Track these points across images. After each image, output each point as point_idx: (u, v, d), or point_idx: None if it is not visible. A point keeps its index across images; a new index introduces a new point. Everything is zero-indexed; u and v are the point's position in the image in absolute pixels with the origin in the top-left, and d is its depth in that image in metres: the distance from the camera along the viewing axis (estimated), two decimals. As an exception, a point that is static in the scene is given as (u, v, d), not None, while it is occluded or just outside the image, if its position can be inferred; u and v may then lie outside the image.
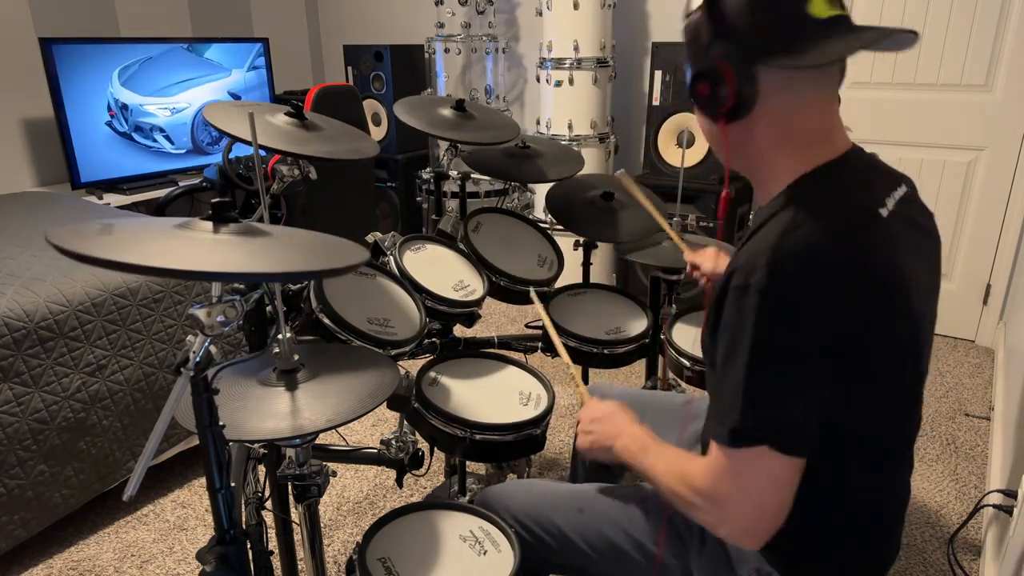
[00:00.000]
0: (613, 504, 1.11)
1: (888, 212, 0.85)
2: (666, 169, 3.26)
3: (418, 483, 2.12)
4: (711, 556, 0.99)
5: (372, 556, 1.05)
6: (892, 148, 3.02)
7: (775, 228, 0.80)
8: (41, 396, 1.75)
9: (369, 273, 1.49)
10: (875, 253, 0.80)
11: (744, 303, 0.78)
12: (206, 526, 1.97)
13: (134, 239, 0.78)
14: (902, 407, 0.89)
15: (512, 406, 1.39)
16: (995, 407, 2.42)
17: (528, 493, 1.18)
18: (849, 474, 0.88)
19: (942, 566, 1.81)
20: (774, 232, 0.79)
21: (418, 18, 4.26)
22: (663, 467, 0.94)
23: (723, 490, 0.83)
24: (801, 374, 0.78)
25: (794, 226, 0.79)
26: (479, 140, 1.71)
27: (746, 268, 0.79)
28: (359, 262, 0.87)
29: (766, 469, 0.80)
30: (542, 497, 1.16)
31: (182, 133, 3.61)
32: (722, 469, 0.82)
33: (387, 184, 4.00)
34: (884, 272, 0.80)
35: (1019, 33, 2.70)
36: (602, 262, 3.47)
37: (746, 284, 0.78)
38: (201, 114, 1.27)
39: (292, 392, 1.02)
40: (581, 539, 1.09)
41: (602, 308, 1.80)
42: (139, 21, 3.69)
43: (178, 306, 2.06)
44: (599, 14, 3.18)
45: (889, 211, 0.85)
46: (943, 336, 3.17)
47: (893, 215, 0.85)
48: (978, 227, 2.98)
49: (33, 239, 2.18)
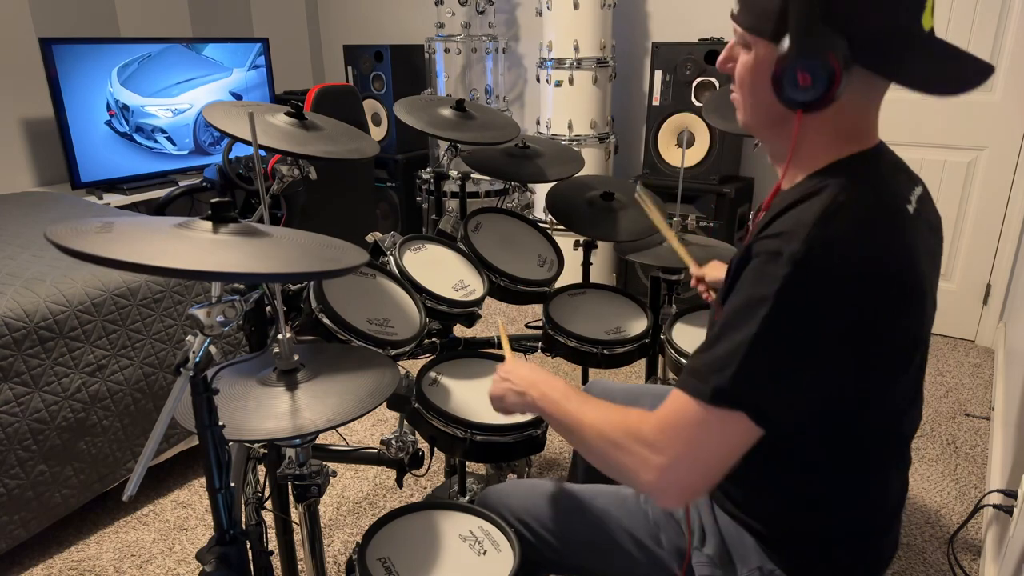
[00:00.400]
0: (614, 503, 1.11)
1: (913, 209, 0.84)
2: (666, 169, 3.26)
3: (418, 483, 2.12)
4: (712, 552, 0.99)
5: (372, 556, 1.05)
6: (892, 148, 3.00)
7: (814, 208, 0.78)
8: (41, 396, 1.75)
9: (369, 273, 1.49)
10: (902, 249, 0.79)
11: (772, 268, 0.76)
12: (206, 526, 1.97)
13: (134, 238, 0.78)
14: (905, 402, 0.89)
15: (512, 406, 1.39)
16: (995, 407, 2.42)
17: (529, 492, 1.18)
18: (852, 469, 0.89)
19: (942, 566, 1.81)
20: (813, 211, 0.78)
21: (418, 18, 4.26)
22: (592, 413, 0.90)
23: (674, 440, 0.80)
24: (807, 353, 0.76)
25: (836, 209, 0.77)
26: (479, 140, 1.71)
27: (783, 237, 0.77)
28: (359, 263, 0.87)
29: (732, 434, 0.78)
30: (543, 496, 1.16)
31: (184, 134, 3.61)
32: (684, 420, 0.79)
33: (387, 184, 4.00)
34: (908, 269, 0.79)
35: (1019, 33, 2.71)
36: (602, 262, 3.47)
37: (779, 251, 0.76)
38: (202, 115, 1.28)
39: (292, 392, 1.02)
40: (582, 538, 1.10)
41: (602, 308, 1.80)
42: (139, 21, 3.69)
43: (178, 306, 2.06)
44: (599, 14, 3.18)
45: (913, 208, 0.85)
46: (943, 336, 3.17)
47: (916, 213, 0.85)
48: (978, 227, 2.98)
49: (33, 239, 2.18)
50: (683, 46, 3.11)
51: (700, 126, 3.14)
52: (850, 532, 0.92)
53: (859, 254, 0.75)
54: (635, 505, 1.09)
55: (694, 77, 3.10)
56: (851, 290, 0.75)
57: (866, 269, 0.76)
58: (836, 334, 0.76)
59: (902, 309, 0.79)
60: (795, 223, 0.77)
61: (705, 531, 1.01)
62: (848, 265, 0.75)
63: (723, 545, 0.99)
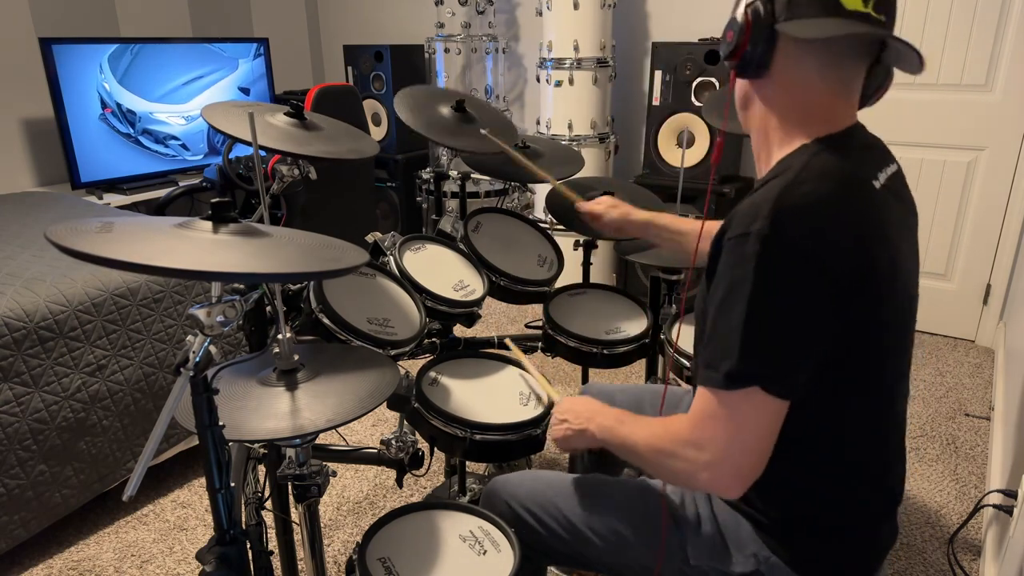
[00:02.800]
0: (618, 493, 1.12)
1: (880, 185, 0.89)
2: (666, 169, 3.26)
3: (418, 483, 2.12)
4: (708, 541, 1.00)
5: (372, 556, 1.05)
6: (892, 148, 2.98)
7: (776, 186, 0.84)
8: (41, 396, 1.75)
9: (369, 273, 1.49)
10: (867, 215, 0.84)
11: (744, 249, 0.81)
12: (206, 526, 1.97)
13: (134, 238, 0.78)
14: (890, 383, 0.92)
15: (512, 406, 1.39)
16: (995, 407, 2.42)
17: (535, 482, 1.19)
18: (848, 455, 0.91)
19: (942, 566, 1.81)
20: (775, 189, 0.83)
21: (418, 18, 4.26)
22: (642, 431, 0.95)
23: (711, 433, 0.84)
24: (795, 318, 0.80)
25: (797, 183, 0.83)
26: (478, 149, 1.70)
27: (746, 218, 0.82)
28: (359, 263, 0.87)
29: (755, 410, 0.82)
30: (549, 486, 1.17)
31: (198, 140, 3.65)
32: (711, 412, 0.84)
33: (387, 184, 4.00)
34: (876, 235, 0.84)
35: (1019, 33, 2.70)
36: (602, 262, 3.47)
37: (746, 232, 0.81)
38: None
39: (292, 392, 1.02)
40: (587, 527, 1.10)
41: (602, 308, 1.80)
42: (139, 21, 3.69)
43: (178, 306, 2.06)
44: (599, 14, 3.18)
45: (881, 184, 0.89)
46: (943, 336, 3.17)
47: (884, 188, 0.89)
48: (978, 227, 2.98)
49: (33, 239, 2.18)
50: (683, 46, 3.11)
51: (700, 126, 3.14)
52: (847, 518, 0.93)
53: (821, 222, 0.80)
54: (638, 496, 1.10)
55: (694, 77, 3.10)
56: (820, 253, 0.80)
57: (832, 232, 0.80)
58: (815, 295, 0.80)
59: (876, 274, 0.83)
60: (759, 204, 0.82)
61: (701, 518, 1.02)
62: (813, 232, 0.80)
63: (719, 533, 0.99)
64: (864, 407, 0.90)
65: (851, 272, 0.81)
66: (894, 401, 0.94)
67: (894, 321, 0.89)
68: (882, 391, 0.91)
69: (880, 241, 0.84)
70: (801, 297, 0.80)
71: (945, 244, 3.06)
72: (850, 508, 0.93)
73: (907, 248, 0.93)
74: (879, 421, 0.92)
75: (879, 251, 0.84)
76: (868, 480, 0.93)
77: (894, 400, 0.94)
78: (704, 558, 1.00)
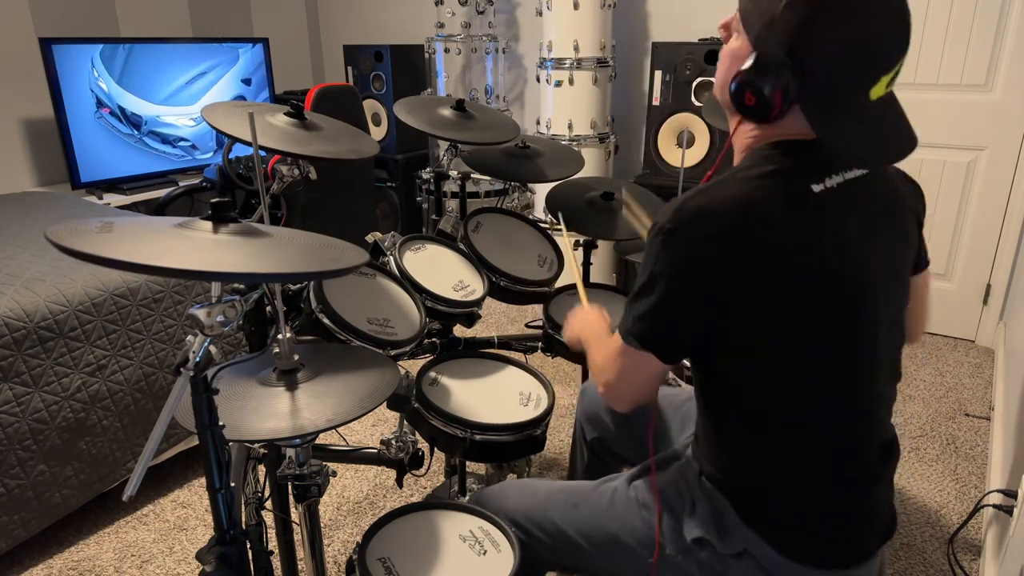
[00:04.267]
0: (607, 496, 1.12)
1: (823, 188, 0.90)
2: (666, 169, 3.26)
3: (418, 483, 2.12)
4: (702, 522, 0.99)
5: (372, 556, 1.05)
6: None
7: (699, 188, 0.91)
8: (41, 396, 1.75)
9: (369, 273, 1.49)
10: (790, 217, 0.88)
11: (651, 242, 0.91)
12: (206, 526, 1.97)
13: (134, 238, 0.78)
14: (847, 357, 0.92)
15: (512, 406, 1.39)
16: (995, 407, 2.42)
17: (521, 493, 1.19)
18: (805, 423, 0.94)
19: (942, 566, 1.81)
20: (694, 191, 0.91)
21: (418, 18, 4.26)
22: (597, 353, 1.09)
23: (611, 366, 1.02)
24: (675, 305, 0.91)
25: (708, 187, 0.90)
26: (479, 140, 1.71)
27: (663, 214, 0.91)
28: (359, 263, 0.87)
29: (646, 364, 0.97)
30: (535, 496, 1.17)
31: (207, 139, 3.67)
32: (617, 351, 1.00)
33: (387, 184, 4.00)
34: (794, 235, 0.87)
35: (1019, 33, 2.70)
36: (602, 262, 3.47)
37: (658, 226, 0.90)
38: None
39: (292, 392, 1.02)
40: (578, 534, 1.10)
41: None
42: (139, 21, 3.69)
43: (178, 306, 2.06)
44: (599, 14, 3.18)
45: (825, 187, 0.91)
46: (943, 336, 3.17)
47: (830, 191, 0.91)
48: (978, 227, 2.98)
49: (33, 239, 2.18)
50: (683, 46, 3.11)
51: (700, 126, 3.14)
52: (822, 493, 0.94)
53: (720, 222, 0.86)
54: (628, 496, 1.09)
55: (694, 77, 3.10)
56: (712, 250, 0.86)
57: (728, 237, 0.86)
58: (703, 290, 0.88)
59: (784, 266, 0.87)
60: (674, 203, 0.90)
61: (695, 502, 1.01)
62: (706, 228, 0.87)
63: (711, 515, 0.99)
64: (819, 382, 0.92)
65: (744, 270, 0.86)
66: (859, 375, 0.93)
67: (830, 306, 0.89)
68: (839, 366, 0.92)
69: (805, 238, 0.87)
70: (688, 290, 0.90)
71: (945, 244, 3.06)
72: (824, 482, 0.94)
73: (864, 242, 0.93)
74: (843, 395, 0.93)
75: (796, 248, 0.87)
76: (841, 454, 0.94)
77: (859, 374, 0.93)
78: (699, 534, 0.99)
